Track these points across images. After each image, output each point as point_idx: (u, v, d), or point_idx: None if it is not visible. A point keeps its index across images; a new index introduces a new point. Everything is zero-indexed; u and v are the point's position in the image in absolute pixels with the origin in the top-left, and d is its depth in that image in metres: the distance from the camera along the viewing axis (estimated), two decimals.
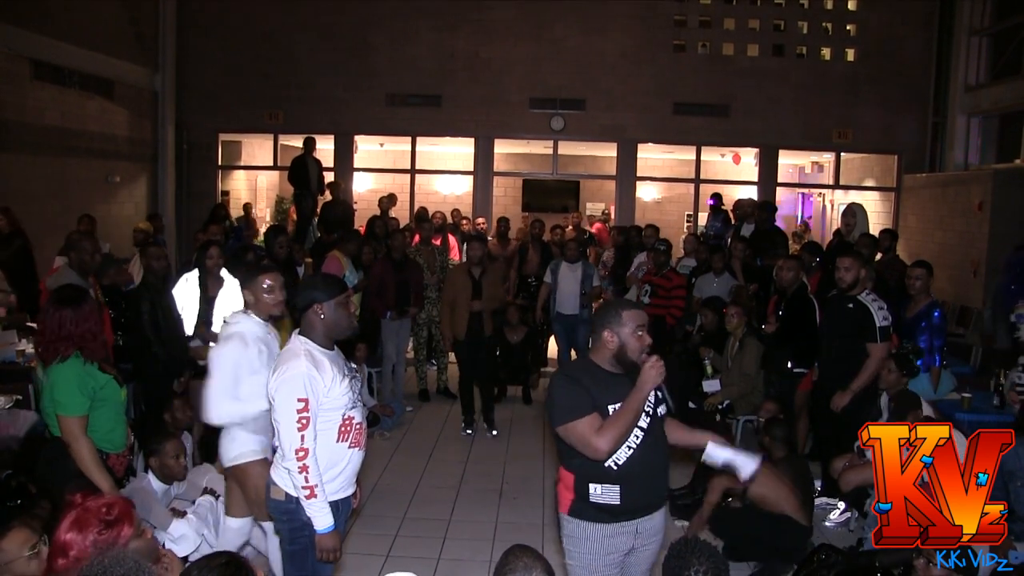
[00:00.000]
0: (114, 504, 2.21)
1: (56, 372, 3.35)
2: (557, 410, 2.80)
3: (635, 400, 2.73)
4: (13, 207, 7.44)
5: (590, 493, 2.80)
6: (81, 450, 3.29)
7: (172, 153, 11.78)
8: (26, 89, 8.74)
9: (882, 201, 12.37)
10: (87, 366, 3.37)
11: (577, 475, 2.82)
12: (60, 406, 3.32)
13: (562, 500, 2.92)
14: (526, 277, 8.45)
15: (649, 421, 2.81)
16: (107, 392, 3.45)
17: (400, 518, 4.95)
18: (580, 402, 2.76)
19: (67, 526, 2.15)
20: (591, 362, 2.89)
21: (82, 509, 2.16)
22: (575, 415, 2.74)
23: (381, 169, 13.79)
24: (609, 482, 2.78)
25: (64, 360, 3.34)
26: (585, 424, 2.72)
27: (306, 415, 2.83)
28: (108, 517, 2.15)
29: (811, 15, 12.07)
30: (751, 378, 6.12)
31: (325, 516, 2.89)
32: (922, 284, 5.79)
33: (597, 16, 11.70)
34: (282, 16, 11.80)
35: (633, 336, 2.79)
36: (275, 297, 3.50)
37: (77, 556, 2.09)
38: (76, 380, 3.32)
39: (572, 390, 2.79)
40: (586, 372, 2.86)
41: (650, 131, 11.99)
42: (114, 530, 2.14)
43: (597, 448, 2.70)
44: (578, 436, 2.74)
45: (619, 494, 2.78)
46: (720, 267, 7.36)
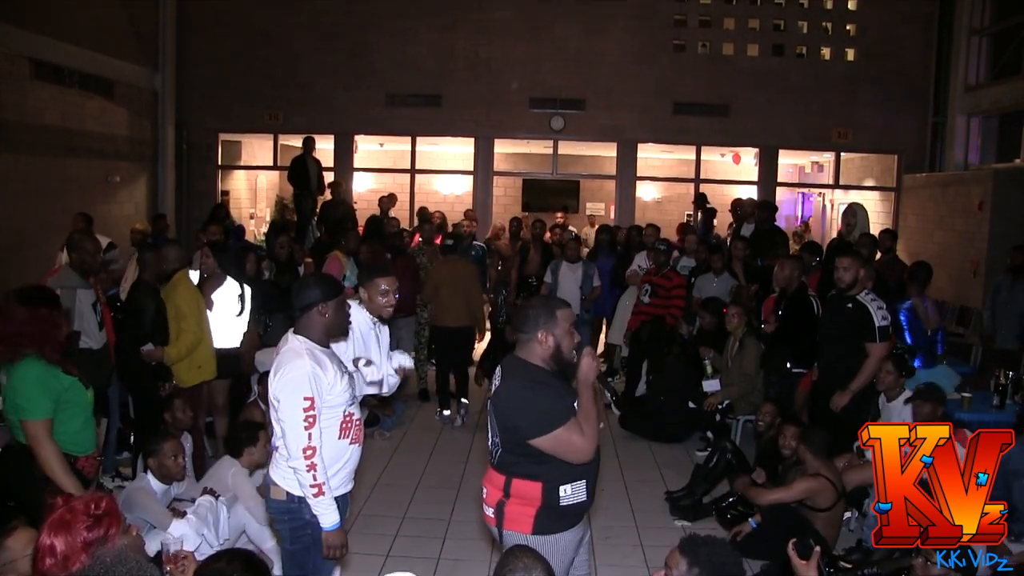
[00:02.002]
0: (100, 499, 2.17)
1: (17, 375, 3.21)
2: (540, 419, 2.66)
3: (590, 395, 2.74)
4: (13, 207, 7.43)
5: (561, 497, 2.70)
6: (47, 455, 3.16)
7: (172, 153, 11.78)
8: (26, 89, 8.73)
9: (882, 201, 12.37)
10: (50, 368, 3.23)
11: (545, 481, 2.70)
12: (23, 411, 3.18)
13: (516, 519, 2.74)
14: (527, 277, 8.45)
15: None
16: (72, 394, 3.32)
17: (400, 518, 4.95)
18: (561, 406, 2.69)
19: (51, 526, 2.09)
20: (534, 365, 2.79)
21: (66, 509, 2.11)
22: (561, 421, 2.66)
23: (381, 169, 13.79)
24: (578, 479, 2.73)
25: (22, 360, 3.20)
26: (571, 428, 2.66)
27: (312, 413, 2.83)
28: (97, 512, 2.12)
29: (811, 15, 12.06)
30: (751, 378, 6.12)
31: (332, 513, 2.90)
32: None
33: (597, 16, 11.70)
34: (282, 16, 11.80)
35: (567, 335, 2.78)
36: (389, 301, 3.75)
37: (66, 553, 2.05)
38: (39, 383, 3.19)
39: (548, 396, 2.71)
40: (539, 376, 2.77)
41: (650, 131, 11.99)
42: (102, 525, 2.10)
43: (586, 450, 2.67)
44: (564, 442, 2.65)
45: (585, 489, 2.76)
46: (720, 267, 7.36)
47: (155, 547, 3.69)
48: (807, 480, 4.29)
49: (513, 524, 2.75)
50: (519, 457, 2.71)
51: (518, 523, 2.73)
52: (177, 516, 3.84)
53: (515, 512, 2.74)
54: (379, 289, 3.72)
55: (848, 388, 4.90)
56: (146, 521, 3.82)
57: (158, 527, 3.77)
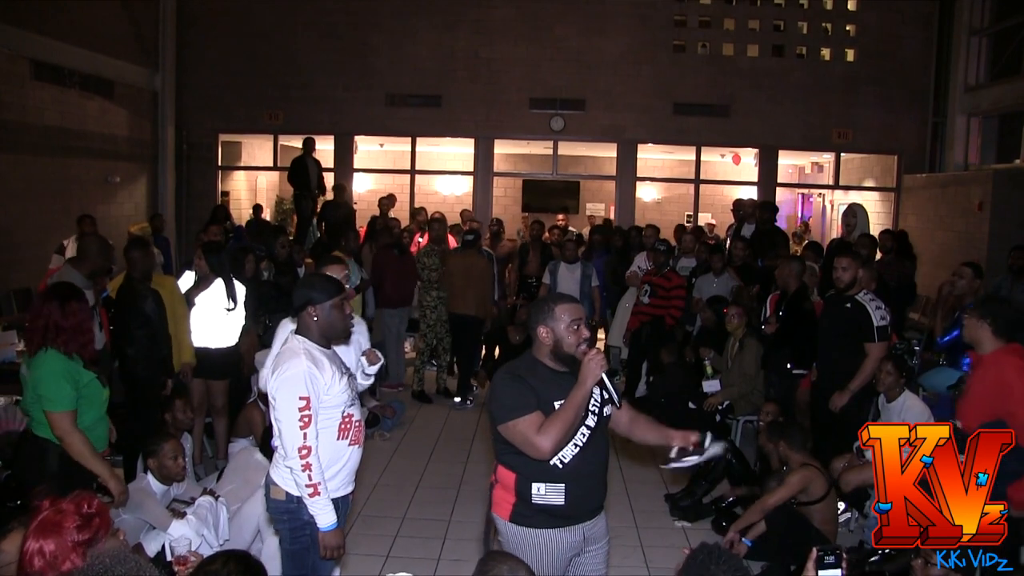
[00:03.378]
0: (89, 500, 2.16)
1: (41, 366, 3.28)
2: (499, 408, 2.69)
3: (577, 396, 2.63)
4: (13, 207, 7.44)
5: (532, 494, 2.68)
6: (75, 443, 3.25)
7: (172, 153, 11.79)
8: (26, 89, 8.75)
9: (882, 201, 12.37)
10: (72, 361, 3.32)
11: (519, 474, 2.70)
12: (48, 402, 3.26)
13: (499, 503, 2.77)
14: (526, 278, 8.46)
15: (597, 420, 2.75)
16: (90, 390, 3.40)
17: (400, 518, 4.95)
18: (522, 400, 2.65)
19: (39, 528, 2.07)
20: (535, 359, 2.79)
21: (54, 510, 2.10)
22: (517, 413, 2.64)
23: (381, 169, 13.80)
24: (554, 481, 2.68)
25: (48, 351, 3.28)
26: (527, 422, 2.62)
27: (308, 413, 2.83)
28: (89, 511, 2.11)
29: (811, 15, 12.07)
30: (751, 378, 6.11)
31: (328, 514, 2.90)
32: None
33: (597, 16, 11.70)
34: (282, 16, 11.81)
35: (568, 330, 2.70)
36: None
37: (56, 554, 2.03)
38: (63, 374, 3.27)
39: (515, 387, 2.69)
40: (530, 370, 2.76)
41: (650, 131, 11.99)
42: (92, 526, 2.09)
43: (539, 447, 2.59)
44: (519, 435, 2.63)
45: (563, 494, 2.68)
46: (720, 267, 7.36)
47: (155, 547, 3.70)
48: (798, 472, 4.29)
49: (496, 508, 2.79)
50: (501, 444, 2.74)
51: (500, 508, 2.78)
52: (177, 517, 3.84)
53: (499, 497, 2.79)
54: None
55: (847, 388, 4.90)
56: (145, 521, 3.82)
57: (158, 527, 3.77)
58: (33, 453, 3.36)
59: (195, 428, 5.27)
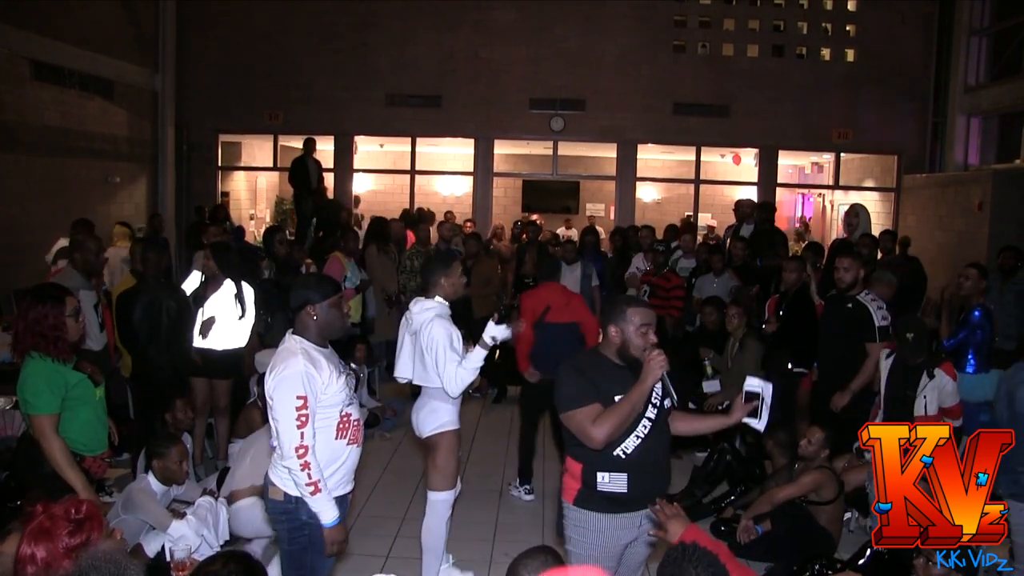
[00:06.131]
0: (81, 504, 2.15)
1: (24, 369, 3.26)
2: (561, 398, 2.86)
3: (637, 392, 2.78)
4: (13, 207, 7.43)
5: (598, 482, 2.84)
6: (51, 449, 3.21)
7: (172, 153, 11.78)
8: (26, 89, 8.74)
9: (882, 201, 12.38)
10: (57, 364, 3.27)
11: (585, 464, 2.86)
12: (28, 405, 3.25)
13: (568, 489, 2.95)
14: (524, 278, 8.45)
15: (657, 412, 2.87)
16: (80, 391, 3.35)
17: (400, 518, 4.95)
18: (582, 392, 2.81)
19: (32, 534, 2.06)
20: (600, 354, 2.95)
21: (46, 516, 2.09)
22: (576, 404, 2.81)
23: (381, 170, 13.80)
24: (617, 470, 2.82)
25: (32, 355, 3.25)
26: (584, 413, 2.78)
27: (305, 412, 2.84)
28: (78, 516, 2.10)
29: (811, 15, 12.08)
30: None
31: (331, 510, 2.90)
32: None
33: (597, 16, 11.70)
34: (282, 17, 11.81)
35: (637, 333, 2.85)
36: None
37: (47, 560, 2.02)
38: (44, 378, 3.23)
39: (576, 380, 2.86)
40: (594, 364, 2.92)
41: (650, 132, 12.00)
42: (84, 530, 2.08)
43: (593, 436, 2.75)
44: (576, 424, 2.80)
45: (627, 483, 2.83)
46: (719, 267, 7.35)
47: (155, 547, 3.70)
48: (812, 473, 4.30)
49: (565, 493, 2.98)
50: (568, 437, 2.92)
51: (567, 494, 2.96)
52: (177, 517, 3.84)
53: (567, 484, 2.97)
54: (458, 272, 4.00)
55: (848, 388, 4.90)
56: (145, 522, 3.82)
57: (158, 528, 3.77)
58: (30, 455, 3.34)
59: (197, 428, 5.27)
